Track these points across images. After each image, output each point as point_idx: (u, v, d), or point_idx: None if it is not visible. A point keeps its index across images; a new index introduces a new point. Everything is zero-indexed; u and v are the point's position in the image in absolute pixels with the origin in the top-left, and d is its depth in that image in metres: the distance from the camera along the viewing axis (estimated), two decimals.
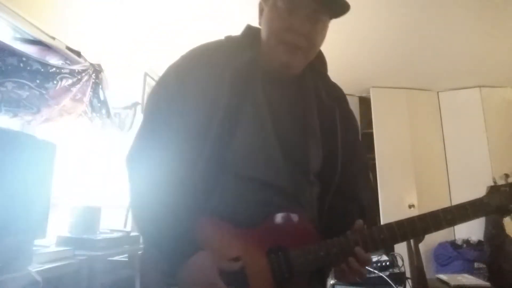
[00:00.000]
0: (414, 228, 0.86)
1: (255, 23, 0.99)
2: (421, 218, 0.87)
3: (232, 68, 0.87)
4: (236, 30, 1.03)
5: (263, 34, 0.90)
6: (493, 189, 0.93)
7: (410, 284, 2.25)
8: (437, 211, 0.88)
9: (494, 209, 0.90)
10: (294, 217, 0.84)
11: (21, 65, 1.78)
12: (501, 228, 3.47)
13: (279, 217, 0.83)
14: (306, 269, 0.82)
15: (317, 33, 0.87)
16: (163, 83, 0.93)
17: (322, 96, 0.95)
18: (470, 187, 0.93)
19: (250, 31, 0.97)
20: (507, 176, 0.94)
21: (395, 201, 3.72)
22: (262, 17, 0.91)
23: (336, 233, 0.85)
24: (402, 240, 0.86)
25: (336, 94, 1.00)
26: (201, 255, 0.77)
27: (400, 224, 0.86)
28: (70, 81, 2.09)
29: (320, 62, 1.00)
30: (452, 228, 3.79)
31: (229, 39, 0.97)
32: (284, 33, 0.85)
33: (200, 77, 0.87)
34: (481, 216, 0.90)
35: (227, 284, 0.75)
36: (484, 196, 0.92)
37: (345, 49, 3.13)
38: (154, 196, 0.81)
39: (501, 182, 0.94)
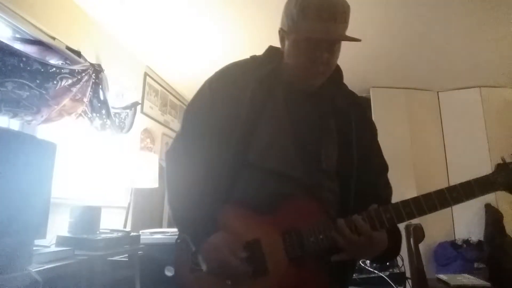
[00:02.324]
0: (419, 206, 0.88)
1: (254, 23, 1.01)
2: (427, 196, 0.89)
3: (255, 79, 1.02)
4: (236, 30, 1.05)
5: (287, 60, 1.02)
6: (501, 166, 0.91)
7: (410, 284, 2.25)
8: (442, 189, 0.89)
9: (501, 186, 0.90)
10: (307, 203, 0.94)
11: (21, 65, 1.78)
12: (501, 228, 3.47)
13: (293, 203, 0.93)
14: (318, 247, 0.89)
15: (334, 55, 0.98)
16: (199, 94, 1.09)
17: (338, 101, 1.06)
18: None
19: (271, 50, 1.11)
20: None
21: (395, 201, 3.72)
22: (285, 45, 1.02)
23: None
24: (408, 219, 0.89)
25: (352, 100, 1.11)
26: (218, 235, 0.90)
27: (405, 203, 0.89)
28: (70, 81, 2.09)
29: (335, 71, 1.08)
30: (452, 228, 3.80)
31: (253, 57, 1.12)
32: (307, 66, 0.97)
33: (227, 88, 1.03)
34: (488, 192, 0.89)
35: (247, 262, 0.87)
36: (491, 173, 0.91)
37: (345, 50, 3.12)
38: (185, 185, 0.98)
39: (510, 160, 0.92)
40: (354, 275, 2.14)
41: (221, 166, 0.96)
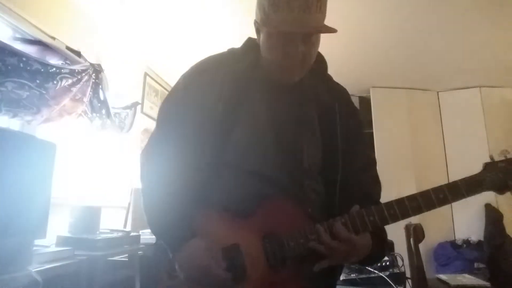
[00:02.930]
0: (404, 208, 0.84)
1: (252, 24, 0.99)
2: (411, 198, 0.85)
3: (231, 73, 0.96)
4: (236, 31, 1.04)
5: (263, 54, 0.96)
6: (490, 166, 0.88)
7: (410, 284, 2.25)
8: (428, 190, 0.85)
9: (490, 186, 0.86)
10: (288, 205, 0.89)
11: (21, 65, 1.78)
12: (501, 228, 3.47)
13: (273, 206, 0.88)
14: (298, 252, 0.84)
15: (312, 47, 0.91)
16: (173, 91, 1.05)
17: (321, 95, 1.00)
18: None
19: (250, 41, 1.04)
20: (505, 152, 0.88)
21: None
22: (260, 38, 0.96)
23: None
24: (392, 221, 0.85)
25: (337, 92, 1.04)
26: (196, 240, 0.85)
27: (389, 205, 0.85)
28: (70, 81, 2.09)
29: (319, 61, 1.03)
30: (452, 228, 3.80)
31: (230, 50, 1.05)
32: (282, 60, 0.91)
33: (202, 84, 0.97)
34: (476, 193, 0.85)
35: (226, 269, 0.82)
36: (479, 172, 0.88)
37: (345, 49, 3.14)
38: (161, 188, 0.92)
39: (499, 159, 0.89)
40: (353, 275, 2.15)
41: (198, 167, 0.90)
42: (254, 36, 1.01)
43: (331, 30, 0.85)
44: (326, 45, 0.95)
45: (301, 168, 0.93)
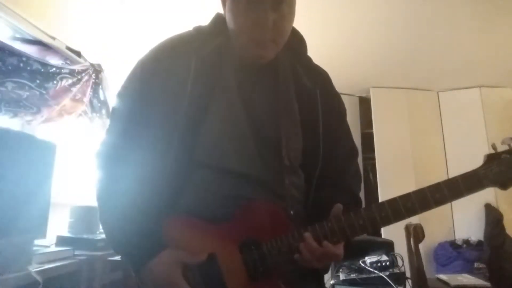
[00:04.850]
0: (396, 210, 0.75)
1: None
2: (404, 198, 0.76)
3: (199, 57, 0.83)
4: None
5: (230, 28, 0.85)
6: (492, 158, 0.78)
7: (410, 284, 2.25)
8: (423, 189, 0.76)
9: (493, 181, 0.77)
10: (267, 208, 0.79)
11: (21, 65, 1.78)
12: (501, 228, 3.47)
13: (251, 210, 0.78)
14: (281, 261, 0.77)
15: (284, 19, 0.80)
16: (129, 80, 0.91)
17: (301, 78, 0.90)
18: None
19: (219, 18, 0.91)
20: (509, 140, 0.79)
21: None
22: (226, 9, 0.85)
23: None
24: (384, 225, 0.76)
25: (317, 76, 0.94)
26: (164, 254, 0.74)
27: (380, 206, 0.76)
28: (70, 81, 2.09)
29: (297, 42, 0.94)
30: (452, 228, 3.80)
31: (197, 29, 0.92)
32: (250, 30, 0.80)
33: (165, 70, 0.85)
34: (477, 190, 0.76)
35: (203, 282, 0.74)
36: (480, 166, 0.78)
37: (345, 49, 3.13)
38: (118, 196, 0.79)
39: (502, 149, 0.78)
40: (353, 275, 2.14)
41: (163, 169, 0.78)
42: None
43: None
44: (326, 45, 0.95)
45: (282, 164, 0.82)
